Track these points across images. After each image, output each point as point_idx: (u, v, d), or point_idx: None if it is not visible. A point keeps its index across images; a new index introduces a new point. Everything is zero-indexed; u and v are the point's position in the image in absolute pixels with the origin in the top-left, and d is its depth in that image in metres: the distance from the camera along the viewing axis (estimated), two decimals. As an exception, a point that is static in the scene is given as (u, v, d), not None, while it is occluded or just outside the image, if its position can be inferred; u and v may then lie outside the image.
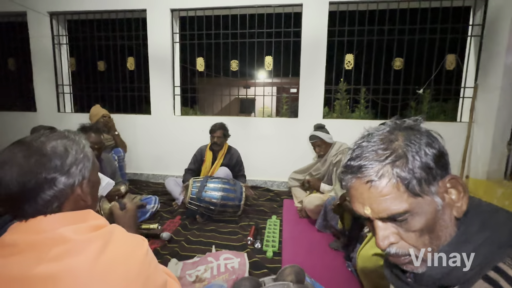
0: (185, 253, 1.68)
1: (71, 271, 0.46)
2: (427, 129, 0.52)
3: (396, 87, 2.91)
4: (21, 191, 0.51)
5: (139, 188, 3.00)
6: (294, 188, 2.61)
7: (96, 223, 0.56)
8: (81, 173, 0.58)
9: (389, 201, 0.45)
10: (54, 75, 3.44)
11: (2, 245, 0.50)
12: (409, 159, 0.45)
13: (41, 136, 0.57)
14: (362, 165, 0.47)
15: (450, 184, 0.47)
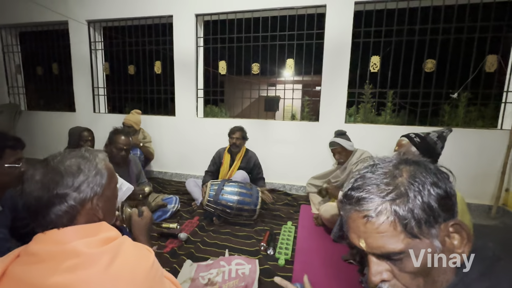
0: (200, 255, 1.75)
1: (83, 282, 0.51)
2: (437, 166, 0.50)
3: (427, 90, 2.72)
4: (37, 204, 0.58)
5: (163, 187, 3.16)
6: (312, 194, 2.58)
7: (107, 236, 0.61)
8: (93, 190, 0.64)
9: (385, 239, 0.44)
10: (91, 79, 3.74)
11: (26, 253, 0.57)
12: (410, 198, 0.43)
13: (59, 155, 0.65)
14: (361, 198, 0.46)
15: (453, 229, 0.45)
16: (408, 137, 1.37)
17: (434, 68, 2.64)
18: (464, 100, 3.13)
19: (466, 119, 3.32)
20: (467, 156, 2.65)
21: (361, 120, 3.10)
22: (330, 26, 2.82)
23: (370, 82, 3.27)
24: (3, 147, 1.03)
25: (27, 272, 0.53)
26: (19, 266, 0.55)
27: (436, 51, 2.62)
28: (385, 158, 0.52)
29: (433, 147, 1.33)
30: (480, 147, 2.62)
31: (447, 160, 2.59)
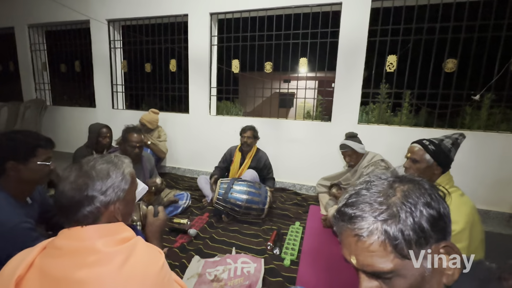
0: (208, 251, 1.81)
1: (99, 278, 0.57)
2: (433, 185, 0.50)
3: (446, 91, 2.60)
4: (69, 203, 0.65)
5: (176, 182, 3.26)
6: (322, 194, 2.57)
7: (124, 236, 0.67)
8: (117, 195, 0.70)
9: (375, 258, 0.45)
10: (110, 76, 3.89)
11: (52, 247, 0.63)
12: (401, 219, 0.44)
13: (93, 160, 0.72)
14: (354, 216, 0.47)
15: (444, 250, 0.45)
16: (422, 144, 1.33)
17: (455, 68, 2.52)
18: (487, 102, 2.95)
19: (489, 122, 3.14)
20: (488, 161, 2.52)
21: (375, 121, 3.02)
22: (345, 25, 2.76)
23: (386, 82, 3.16)
24: (36, 146, 1.12)
25: (50, 265, 0.59)
26: (45, 258, 0.61)
27: (457, 50, 2.50)
28: (381, 175, 0.52)
29: (447, 155, 1.29)
30: (503, 152, 2.48)
31: (467, 164, 2.51)
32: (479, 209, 2.56)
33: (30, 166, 1.10)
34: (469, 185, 2.55)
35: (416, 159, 1.32)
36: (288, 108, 12.01)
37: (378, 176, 0.52)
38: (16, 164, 1.07)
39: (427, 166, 1.29)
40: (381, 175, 0.52)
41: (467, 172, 2.54)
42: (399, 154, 2.46)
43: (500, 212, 2.52)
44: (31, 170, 1.11)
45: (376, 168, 2.05)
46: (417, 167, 1.31)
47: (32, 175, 1.12)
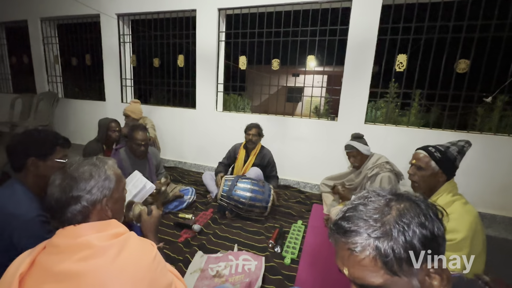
0: (211, 247, 1.86)
1: (94, 270, 0.61)
2: (431, 205, 0.50)
3: (457, 93, 2.54)
4: (56, 204, 0.70)
5: (182, 177, 3.32)
6: (325, 194, 2.58)
7: (116, 231, 0.71)
8: (102, 193, 0.75)
9: (365, 272, 0.46)
10: (119, 70, 3.94)
11: (50, 245, 0.68)
12: (394, 237, 0.45)
13: (75, 163, 0.76)
14: (349, 231, 0.49)
15: (434, 270, 0.46)
16: (428, 151, 1.31)
17: (467, 69, 2.45)
18: (500, 104, 2.86)
19: (502, 124, 3.05)
20: (498, 164, 2.47)
21: (383, 120, 2.98)
22: (355, 22, 2.70)
23: (395, 81, 3.10)
24: (55, 144, 1.19)
25: (50, 261, 0.64)
26: (45, 256, 0.66)
27: (471, 50, 2.42)
28: (380, 191, 0.53)
29: (453, 163, 1.27)
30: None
31: (475, 167, 2.48)
32: (486, 213, 2.53)
33: (49, 163, 1.17)
34: (476, 189, 2.52)
35: (421, 166, 1.30)
36: (295, 103, 11.95)
37: (376, 193, 0.53)
38: (36, 160, 1.14)
39: (432, 173, 1.28)
40: (380, 191, 0.53)
41: (475, 175, 2.50)
42: (405, 157, 2.42)
43: (507, 217, 2.48)
44: (49, 166, 1.18)
45: (380, 171, 2.04)
46: (422, 175, 1.31)
47: (49, 171, 1.18)
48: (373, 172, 2.07)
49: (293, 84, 10.24)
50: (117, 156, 2.10)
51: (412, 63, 2.66)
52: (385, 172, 2.01)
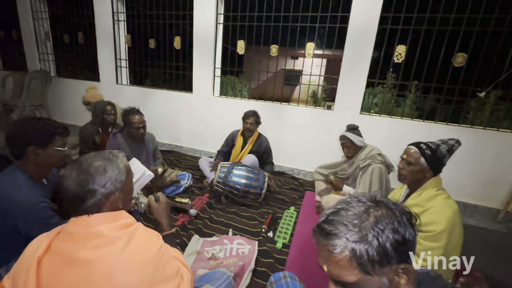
0: (207, 231, 1.94)
1: (104, 258, 0.67)
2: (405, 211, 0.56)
3: (452, 87, 2.57)
4: (74, 197, 0.74)
5: (178, 161, 3.37)
6: (318, 182, 2.66)
7: (125, 222, 0.76)
8: (115, 186, 0.79)
9: (342, 270, 0.53)
10: (114, 50, 3.83)
11: (64, 232, 0.73)
12: (369, 241, 0.51)
13: (89, 158, 0.80)
14: (330, 234, 0.54)
15: (402, 271, 0.52)
16: (419, 147, 1.37)
17: (464, 63, 2.47)
18: (492, 99, 2.91)
19: (492, 118, 3.12)
20: (485, 158, 2.56)
21: (378, 110, 3.02)
22: (356, 9, 2.65)
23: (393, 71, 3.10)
24: (54, 133, 1.22)
25: (64, 247, 0.69)
26: (59, 242, 0.71)
27: (469, 44, 2.42)
28: (361, 197, 0.59)
29: (441, 160, 1.34)
30: (500, 150, 2.52)
31: (463, 159, 2.57)
32: (469, 204, 2.67)
33: (48, 151, 1.20)
34: (462, 180, 2.63)
35: (411, 161, 1.36)
36: (293, 86, 11.82)
37: (358, 199, 0.58)
38: (36, 148, 1.17)
39: (420, 169, 1.34)
40: (362, 197, 0.58)
41: (463, 167, 2.60)
42: (397, 148, 2.49)
43: (488, 208, 2.62)
44: (49, 154, 1.21)
45: (372, 162, 2.10)
46: (411, 169, 1.37)
47: (49, 159, 1.22)
48: (365, 163, 2.14)
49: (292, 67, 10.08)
50: (115, 141, 2.11)
51: (410, 55, 2.65)
52: (376, 163, 2.07)
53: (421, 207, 1.30)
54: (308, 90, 3.37)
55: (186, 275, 0.85)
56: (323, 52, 3.12)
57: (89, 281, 0.65)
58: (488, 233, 2.27)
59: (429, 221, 1.24)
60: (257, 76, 3.45)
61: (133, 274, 0.67)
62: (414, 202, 1.34)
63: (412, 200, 1.36)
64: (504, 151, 2.50)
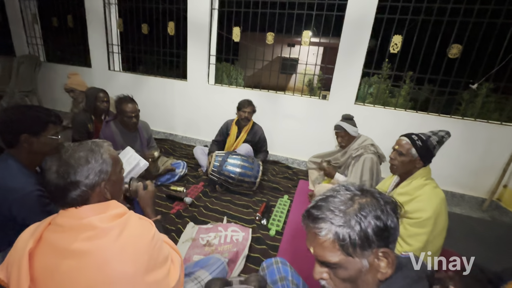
0: (202, 219, 1.98)
1: (98, 249, 0.67)
2: (390, 201, 0.59)
3: (445, 78, 2.59)
4: (56, 190, 0.72)
5: (173, 149, 3.36)
6: (311, 171, 2.71)
7: (116, 212, 0.76)
8: (100, 177, 0.77)
9: (326, 252, 0.57)
10: (105, 35, 3.72)
11: (54, 224, 0.73)
12: (351, 226, 0.54)
13: (70, 149, 0.77)
14: (317, 218, 0.58)
15: (382, 254, 0.55)
16: (410, 138, 1.40)
17: (459, 55, 2.48)
18: (484, 91, 2.95)
19: (483, 110, 3.18)
20: (474, 149, 2.63)
21: (373, 101, 3.04)
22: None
23: (389, 62, 3.09)
24: (47, 121, 1.20)
25: (56, 239, 0.70)
26: (50, 233, 0.71)
27: (464, 35, 2.42)
28: (349, 186, 0.62)
29: (431, 151, 1.37)
30: (489, 142, 2.58)
31: (453, 150, 2.63)
32: (456, 193, 2.76)
33: (42, 140, 1.19)
34: (451, 170, 2.71)
35: (402, 152, 1.40)
36: (289, 75, 11.70)
37: (346, 188, 0.61)
38: (29, 137, 1.16)
39: (411, 160, 1.38)
40: (350, 186, 0.62)
41: (452, 157, 2.67)
42: (390, 138, 2.54)
43: (474, 197, 2.72)
44: (42, 143, 1.20)
45: (365, 152, 2.14)
46: (402, 160, 1.41)
47: (42, 147, 1.21)
48: (358, 153, 2.17)
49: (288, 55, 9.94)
50: (108, 129, 2.09)
51: (406, 45, 2.65)
52: (369, 153, 2.11)
53: (409, 195, 1.35)
54: (304, 79, 3.35)
55: (176, 259, 0.87)
56: (320, 40, 3.09)
57: (84, 272, 0.65)
58: (473, 221, 2.37)
59: (417, 208, 1.30)
60: (252, 64, 3.41)
61: (128, 263, 0.68)
62: (403, 190, 1.38)
63: (401, 188, 1.40)
64: (492, 143, 2.57)
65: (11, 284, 0.67)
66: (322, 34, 2.99)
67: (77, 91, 2.92)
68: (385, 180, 1.66)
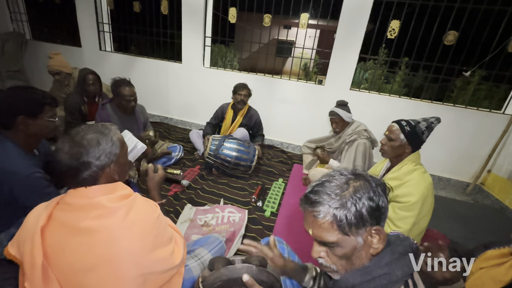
0: (199, 200, 2.04)
1: (106, 227, 0.71)
2: (380, 183, 0.63)
3: (440, 65, 2.62)
4: (68, 169, 0.75)
5: (168, 133, 3.36)
6: (306, 155, 2.77)
7: (123, 193, 0.80)
8: (110, 159, 0.80)
9: (324, 232, 0.61)
10: (95, 13, 3.56)
11: (63, 203, 0.76)
12: (347, 207, 0.59)
13: (82, 131, 0.79)
14: (316, 203, 0.62)
15: (375, 232, 0.61)
16: (400, 124, 1.45)
17: (454, 42, 2.49)
18: (476, 78, 3.00)
19: (474, 97, 3.24)
20: (462, 136, 2.72)
21: (367, 87, 3.06)
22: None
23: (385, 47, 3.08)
24: (43, 103, 1.19)
25: (65, 217, 0.73)
26: (60, 212, 0.75)
27: (461, 22, 2.43)
28: (342, 171, 0.66)
29: (420, 137, 1.42)
30: (477, 129, 2.67)
31: (442, 136, 2.71)
32: (443, 177, 2.88)
33: (38, 122, 1.19)
34: (439, 155, 2.81)
35: (392, 137, 1.45)
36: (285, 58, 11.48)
37: (340, 172, 0.65)
38: (26, 118, 1.15)
39: (399, 144, 1.44)
40: (343, 171, 0.66)
41: (441, 143, 2.75)
42: (384, 124, 2.59)
43: (460, 181, 2.85)
44: (39, 125, 1.20)
45: (358, 137, 2.20)
46: (391, 144, 1.46)
47: (39, 129, 1.21)
48: (352, 138, 2.23)
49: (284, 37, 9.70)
50: (105, 111, 2.07)
51: (403, 31, 2.64)
52: (362, 139, 2.17)
53: (399, 180, 1.41)
54: (300, 63, 3.33)
55: (179, 240, 0.92)
56: (318, 22, 3.04)
57: (93, 248, 0.69)
58: (457, 204, 2.50)
59: (406, 193, 1.36)
60: (248, 46, 3.34)
61: (135, 241, 0.72)
62: (394, 175, 1.45)
63: (392, 174, 1.47)
64: (480, 129, 2.66)
65: (25, 260, 0.70)
66: (320, 16, 2.93)
67: (63, 73, 2.79)
68: (377, 164, 1.73)
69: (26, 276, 0.69)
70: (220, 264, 0.76)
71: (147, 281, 0.75)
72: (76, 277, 0.70)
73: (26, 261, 0.70)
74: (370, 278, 0.60)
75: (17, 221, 1.20)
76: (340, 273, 0.65)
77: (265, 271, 0.76)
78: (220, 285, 0.74)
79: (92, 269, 0.69)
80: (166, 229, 0.85)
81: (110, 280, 0.70)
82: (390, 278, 0.59)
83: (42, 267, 0.67)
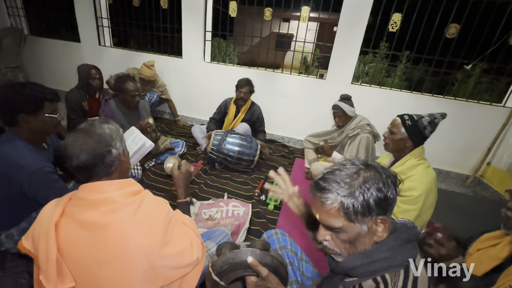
0: (203, 195, 2.06)
1: (117, 222, 0.73)
2: (391, 174, 0.65)
3: (441, 58, 2.62)
4: (92, 159, 0.76)
5: (170, 128, 3.36)
6: (307, 150, 2.79)
7: (134, 189, 0.82)
8: (121, 146, 0.85)
9: (330, 218, 0.64)
10: (93, 7, 3.52)
11: (77, 198, 0.78)
12: (355, 196, 0.61)
13: (92, 124, 0.82)
14: (325, 189, 0.64)
15: (380, 221, 0.63)
16: (402, 118, 1.46)
17: (456, 35, 2.49)
18: (477, 72, 3.00)
19: (475, 90, 3.25)
20: (463, 129, 2.73)
21: (369, 81, 3.07)
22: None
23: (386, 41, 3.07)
24: (43, 99, 1.18)
25: (78, 212, 0.75)
26: (73, 207, 0.77)
27: (463, 15, 2.42)
28: (354, 160, 0.67)
29: (421, 132, 1.42)
30: (478, 122, 2.68)
31: (444, 130, 2.73)
32: (443, 170, 2.91)
33: (40, 118, 1.19)
34: (440, 148, 2.83)
35: (394, 131, 1.47)
36: (285, 52, 11.40)
37: (351, 162, 0.67)
38: (26, 116, 1.15)
39: (400, 138, 1.45)
40: (355, 160, 0.68)
41: (442, 136, 2.76)
42: (385, 118, 2.61)
43: (460, 174, 2.88)
44: (41, 121, 1.19)
45: (361, 132, 2.21)
46: (392, 138, 1.48)
47: (42, 126, 1.21)
48: (354, 132, 2.25)
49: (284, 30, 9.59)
50: (108, 107, 2.08)
51: (405, 24, 2.63)
52: (365, 133, 2.19)
53: (403, 174, 1.43)
54: (301, 57, 3.31)
55: (195, 239, 0.93)
56: (319, 15, 3.01)
57: (105, 243, 0.72)
58: (456, 196, 2.54)
59: (409, 187, 1.38)
60: (247, 40, 3.32)
61: (145, 235, 0.74)
62: (398, 170, 1.46)
63: (396, 168, 1.48)
64: (481, 123, 2.68)
65: (40, 254, 0.72)
66: (321, 9, 2.90)
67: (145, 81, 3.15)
68: (381, 158, 1.74)
69: (41, 269, 0.72)
70: (227, 249, 0.79)
71: (158, 275, 0.77)
72: (89, 270, 0.72)
73: (41, 255, 0.72)
74: (370, 261, 0.63)
75: (27, 216, 1.22)
76: (343, 255, 0.68)
77: (268, 255, 0.78)
78: (227, 268, 0.77)
79: (105, 263, 0.71)
80: (177, 226, 0.87)
81: (123, 272, 0.72)
82: (390, 262, 0.62)
83: (56, 261, 0.70)
